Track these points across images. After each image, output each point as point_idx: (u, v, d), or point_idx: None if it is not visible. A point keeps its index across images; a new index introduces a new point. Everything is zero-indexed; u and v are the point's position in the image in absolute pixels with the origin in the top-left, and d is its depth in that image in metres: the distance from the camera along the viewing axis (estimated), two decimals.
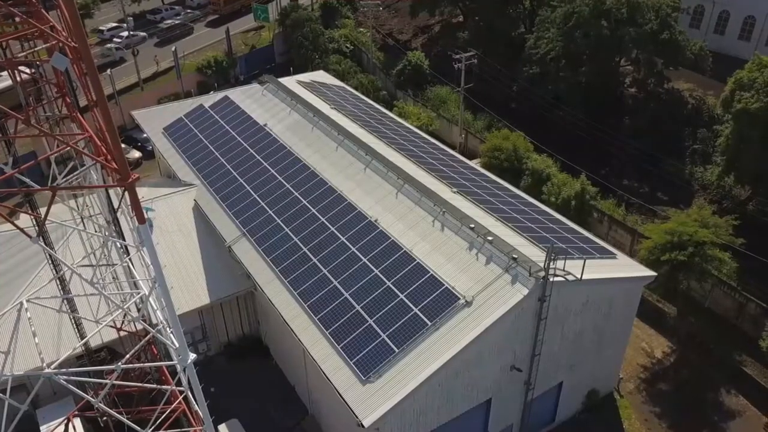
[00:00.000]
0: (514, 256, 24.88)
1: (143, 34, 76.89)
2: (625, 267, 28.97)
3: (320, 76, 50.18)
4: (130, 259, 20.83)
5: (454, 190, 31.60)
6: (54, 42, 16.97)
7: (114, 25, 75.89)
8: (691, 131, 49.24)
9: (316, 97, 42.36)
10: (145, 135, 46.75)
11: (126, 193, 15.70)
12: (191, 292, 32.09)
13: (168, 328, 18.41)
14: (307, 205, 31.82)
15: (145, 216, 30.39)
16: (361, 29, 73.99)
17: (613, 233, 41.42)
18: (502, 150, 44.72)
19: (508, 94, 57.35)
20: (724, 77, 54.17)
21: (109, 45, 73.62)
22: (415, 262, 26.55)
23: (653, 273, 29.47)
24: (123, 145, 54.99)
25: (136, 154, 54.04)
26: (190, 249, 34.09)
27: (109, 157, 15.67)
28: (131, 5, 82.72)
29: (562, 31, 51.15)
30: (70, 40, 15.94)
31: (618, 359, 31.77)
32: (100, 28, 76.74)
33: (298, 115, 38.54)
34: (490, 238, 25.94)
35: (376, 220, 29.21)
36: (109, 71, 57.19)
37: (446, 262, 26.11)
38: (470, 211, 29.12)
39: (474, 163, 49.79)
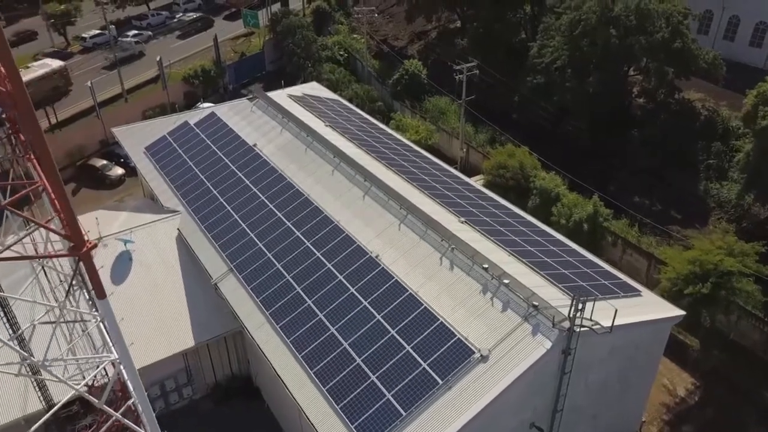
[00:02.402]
0: (534, 303, 22.18)
1: (149, 32, 74.49)
2: (651, 306, 26.33)
3: (313, 88, 47.38)
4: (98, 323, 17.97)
5: (462, 219, 28.88)
6: None
7: (97, 32, 72.84)
8: (705, 145, 46.69)
9: (308, 112, 39.58)
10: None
11: (81, 264, 12.89)
12: (174, 333, 29.26)
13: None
14: (301, 237, 29.03)
15: (124, 248, 27.17)
16: (355, 35, 71.24)
17: (627, 257, 38.81)
18: (508, 168, 42.06)
19: (509, 104, 54.71)
20: (736, 86, 51.88)
21: (128, 39, 71.77)
22: (422, 307, 23.82)
23: (681, 312, 26.85)
24: (104, 162, 52.49)
25: (119, 170, 51.12)
26: (173, 283, 31.23)
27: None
28: (115, 11, 79.77)
29: (568, 38, 48.51)
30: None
31: (642, 402, 29.17)
32: (83, 35, 73.67)
33: (291, 135, 35.74)
34: (506, 280, 23.23)
35: (377, 256, 26.46)
36: (89, 82, 54.10)
37: (457, 307, 23.39)
38: (481, 245, 26.40)
39: (477, 180, 47.40)
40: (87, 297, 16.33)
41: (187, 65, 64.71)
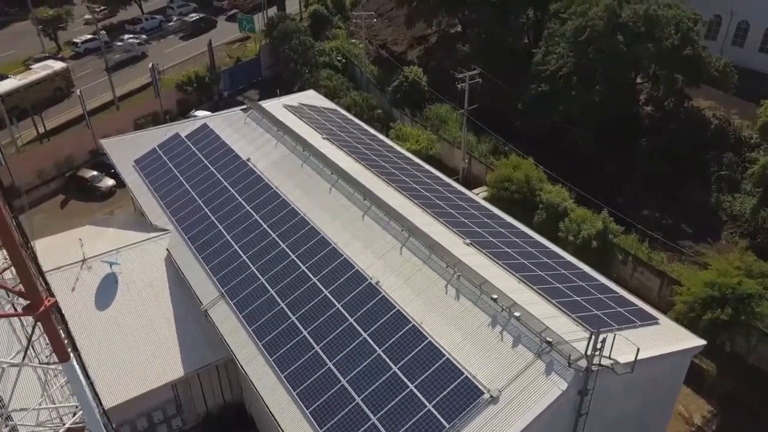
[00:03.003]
0: (548, 339, 20.50)
1: (144, 36, 73.76)
2: (671, 336, 24.65)
3: (310, 97, 45.67)
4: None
5: (467, 241, 27.20)
6: None
7: (89, 37, 71.08)
8: (716, 155, 45.09)
9: (305, 124, 37.89)
10: None
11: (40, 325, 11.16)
12: (163, 362, 27.58)
13: None
14: (296, 260, 27.32)
15: (109, 270, 25.28)
16: (354, 40, 69.52)
17: (638, 275, 37.17)
18: (513, 181, 40.39)
19: (512, 111, 53.03)
20: (746, 93, 50.26)
21: (131, 40, 71.29)
22: (426, 341, 22.13)
23: (702, 342, 25.18)
24: (95, 173, 50.76)
25: (109, 182, 49.42)
26: (162, 308, 29.54)
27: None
28: (104, 18, 78.04)
29: (574, 45, 46.87)
30: None
31: None
32: (74, 40, 72.03)
33: (286, 149, 34.05)
34: (517, 313, 21.55)
35: (377, 283, 24.77)
36: (78, 91, 52.32)
37: (464, 341, 21.71)
38: (488, 271, 24.74)
39: (480, 192, 45.74)
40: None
41: (182, 70, 63.00)
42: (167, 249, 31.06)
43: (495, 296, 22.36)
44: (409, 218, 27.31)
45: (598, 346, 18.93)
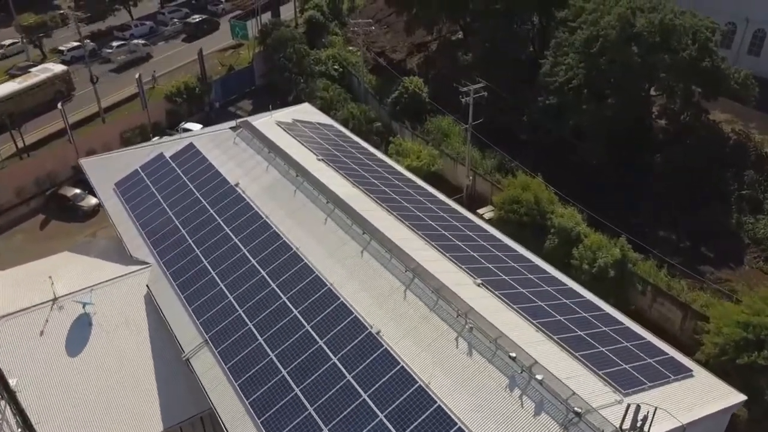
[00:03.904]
0: (576, 408, 17.82)
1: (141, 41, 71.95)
2: (709, 391, 22.01)
3: (304, 111, 42.94)
4: None
5: (478, 281, 24.55)
6: None
7: (75, 44, 68.24)
8: (736, 173, 42.49)
9: (299, 143, 35.20)
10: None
11: None
12: (140, 414, 24.85)
13: None
14: (287, 303, 24.61)
15: (82, 310, 23.76)
16: (351, 48, 66.85)
17: (658, 306, 34.54)
18: (521, 203, 37.72)
19: (517, 123, 50.43)
20: (764, 105, 47.73)
21: (135, 41, 70.43)
22: (435, 405, 19.43)
23: (743, 397, 22.55)
24: (77, 191, 48.00)
25: (92, 200, 46.60)
26: (141, 352, 26.83)
27: None
28: (92, 24, 75.39)
29: (584, 56, 44.23)
30: None
31: None
32: (60, 48, 69.29)
33: (278, 173, 31.34)
34: (538, 376, 18.88)
35: (378, 333, 22.07)
36: (59, 105, 49.51)
37: (479, 408, 19.01)
38: (503, 318, 22.09)
39: (486, 212, 43.11)
40: None
41: (182, 73, 60.44)
42: (147, 285, 28.31)
43: (513, 354, 19.66)
44: (413, 255, 24.61)
45: (638, 423, 16.24)
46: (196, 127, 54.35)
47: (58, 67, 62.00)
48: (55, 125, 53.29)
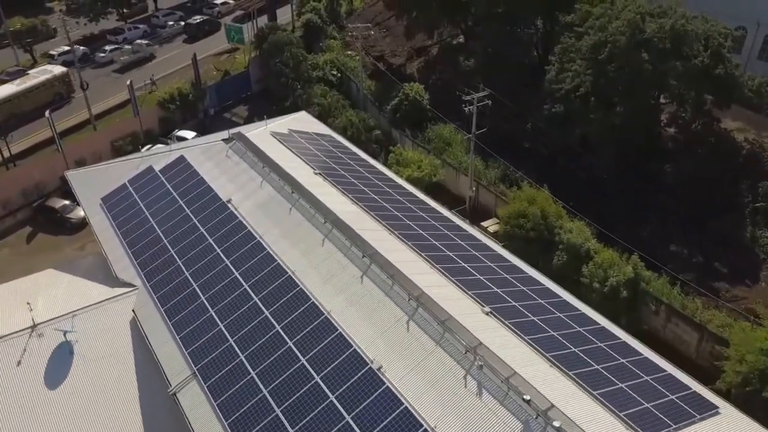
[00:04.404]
0: None
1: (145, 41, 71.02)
2: (736, 431, 20.38)
3: (301, 120, 41.26)
4: None
5: (487, 310, 22.91)
6: None
7: (66, 48, 66.37)
8: (750, 184, 40.90)
9: (295, 156, 33.56)
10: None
11: None
12: None
13: None
14: (282, 333, 22.93)
15: (63, 338, 22.19)
16: (349, 52, 65.18)
17: (672, 326, 32.93)
18: (528, 217, 36.08)
19: (520, 130, 48.81)
20: None
21: (139, 41, 69.59)
22: None
23: None
24: (66, 202, 46.28)
25: (81, 212, 44.59)
26: (125, 384, 25.11)
27: None
28: (85, 26, 73.62)
29: (591, 62, 42.61)
30: None
31: None
32: (51, 52, 67.51)
33: (272, 189, 29.64)
34: (556, 423, 17.20)
35: (380, 369, 20.40)
36: (47, 113, 47.74)
37: None
38: (515, 352, 20.47)
39: (490, 225, 41.53)
40: None
41: (176, 79, 58.83)
42: (133, 311, 26.62)
43: (527, 396, 17.99)
44: (417, 281, 22.93)
45: None
46: (190, 135, 52.71)
47: (57, 69, 60.82)
48: (43, 133, 51.44)
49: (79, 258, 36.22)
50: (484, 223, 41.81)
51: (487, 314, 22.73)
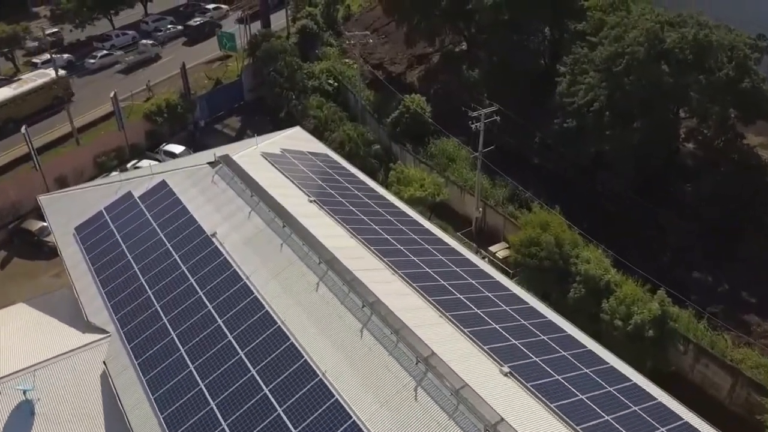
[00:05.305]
0: None
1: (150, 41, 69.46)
2: None
3: (294, 137, 38.24)
4: None
5: (506, 370, 19.97)
6: None
7: (47, 57, 63.37)
8: None
9: (288, 180, 30.62)
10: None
11: None
12: None
13: None
14: (269, 396, 19.97)
15: (22, 397, 18.33)
16: (347, 60, 62.29)
17: (701, 367, 30.12)
18: (541, 245, 33.21)
19: (528, 144, 45.97)
20: None
21: (144, 41, 68.31)
22: None
23: None
24: (44, 224, 43.06)
25: None
26: None
27: None
28: (72, 32, 70.67)
29: (606, 75, 39.76)
30: None
31: None
32: (34, 60, 64.52)
33: (261, 221, 26.66)
34: None
35: None
36: (23, 128, 44.62)
37: None
38: (540, 427, 17.54)
39: (499, 250, 38.70)
40: None
41: (175, 84, 56.13)
42: (104, 362, 23.64)
43: None
44: (425, 338, 19.98)
45: None
46: (178, 149, 49.97)
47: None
48: (22, 148, 48.27)
49: (50, 292, 33.13)
50: (492, 248, 38.96)
51: (506, 375, 19.81)
